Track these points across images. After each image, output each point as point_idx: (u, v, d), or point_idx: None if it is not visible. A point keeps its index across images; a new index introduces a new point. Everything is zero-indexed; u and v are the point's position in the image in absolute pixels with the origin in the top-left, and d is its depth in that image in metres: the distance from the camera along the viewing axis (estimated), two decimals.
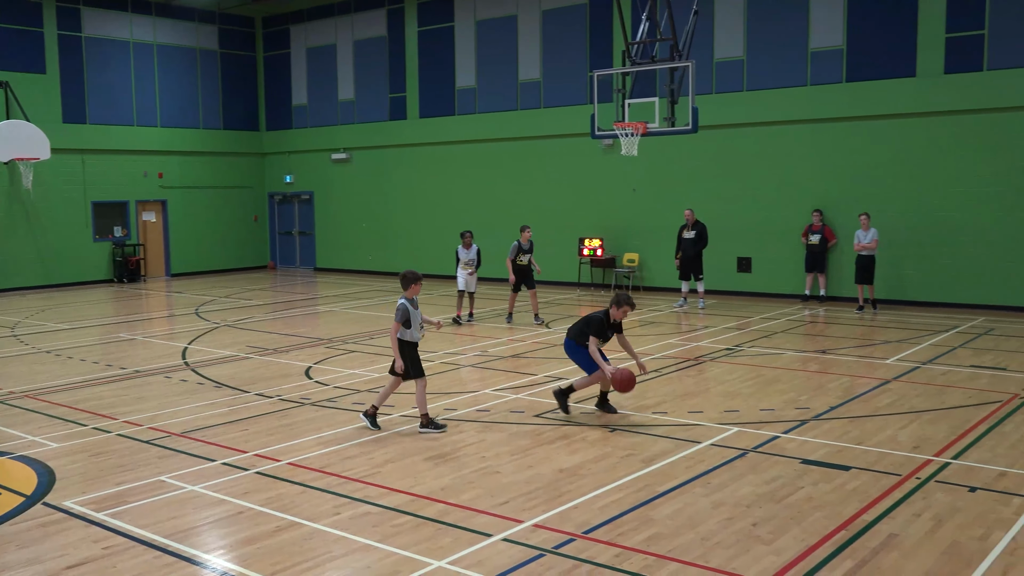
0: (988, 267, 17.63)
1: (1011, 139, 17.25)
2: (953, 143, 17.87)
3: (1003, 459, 8.24)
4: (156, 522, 7.00)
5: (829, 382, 11.67)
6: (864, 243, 17.58)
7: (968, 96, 17.61)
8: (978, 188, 17.63)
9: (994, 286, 17.60)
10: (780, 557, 6.14)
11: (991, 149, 17.46)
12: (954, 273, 18.01)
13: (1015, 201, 17.25)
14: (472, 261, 17.05)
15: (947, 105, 17.87)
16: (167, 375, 12.80)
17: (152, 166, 27.53)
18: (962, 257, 17.89)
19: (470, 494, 7.55)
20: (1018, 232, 17.25)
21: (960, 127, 17.79)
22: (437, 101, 25.81)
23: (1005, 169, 17.34)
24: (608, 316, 10.00)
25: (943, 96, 17.89)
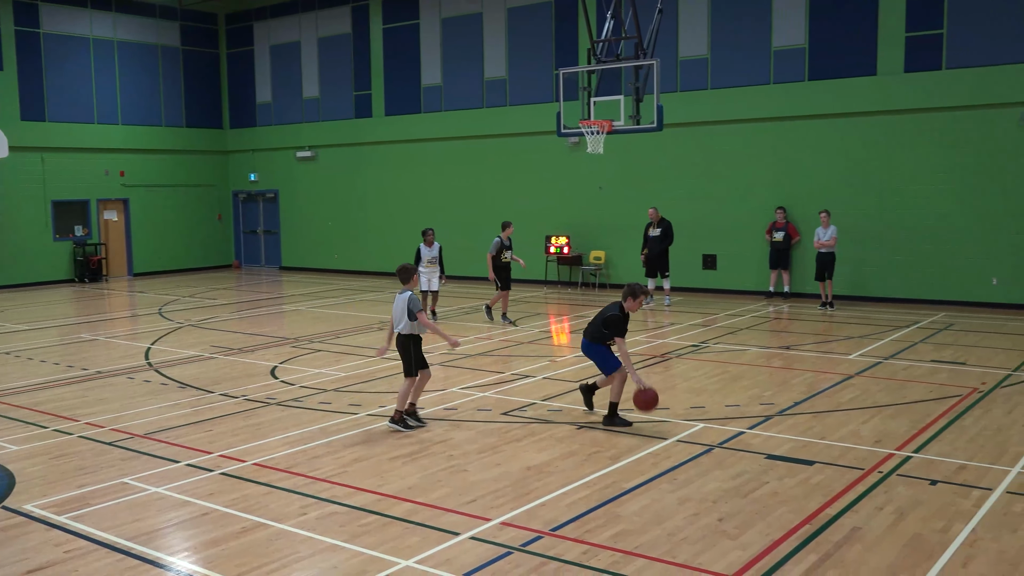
0: (947, 263, 17.90)
1: (969, 137, 17.52)
2: (913, 141, 18.12)
3: (963, 452, 8.38)
4: (119, 525, 6.92)
5: (793, 378, 11.80)
6: (823, 240, 17.75)
7: (927, 94, 17.86)
8: (937, 185, 17.90)
9: (953, 282, 17.87)
10: (746, 552, 6.20)
11: (949, 147, 17.73)
12: (914, 269, 18.27)
13: (973, 198, 17.53)
14: (435, 259, 16.94)
15: (907, 103, 18.11)
16: (130, 376, 12.65)
17: (113, 164, 27.17)
18: (922, 253, 18.15)
19: (438, 493, 7.54)
20: (976, 228, 17.53)
21: (919, 125, 18.04)
22: (403, 99, 25.72)
23: (963, 166, 17.61)
24: (623, 310, 9.58)
25: (903, 94, 18.13)
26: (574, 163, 22.42)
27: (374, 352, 9.65)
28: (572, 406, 10.39)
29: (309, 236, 28.56)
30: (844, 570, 5.88)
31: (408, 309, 9.37)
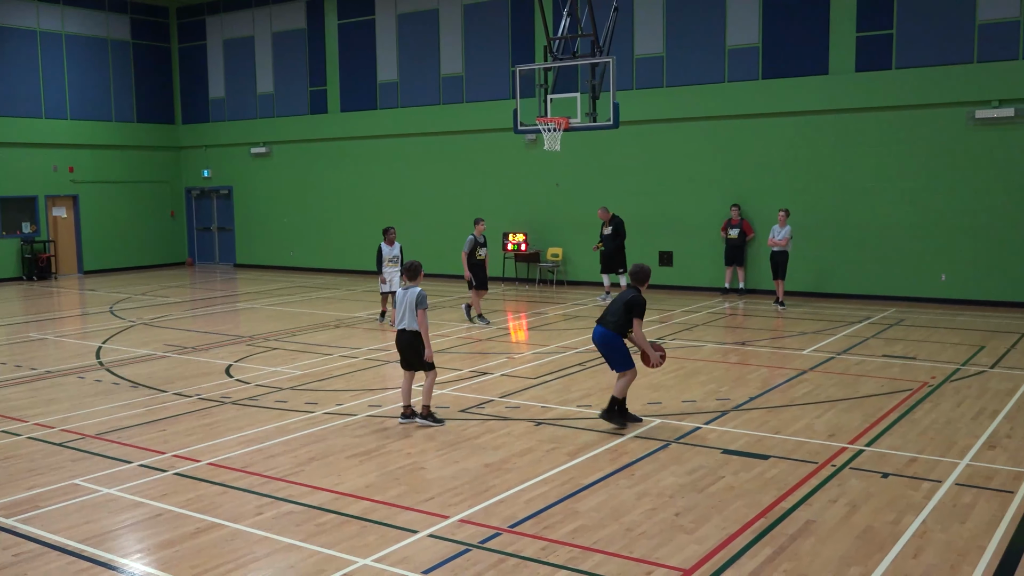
0: (897, 259, 18.22)
1: (918, 135, 17.84)
2: (863, 139, 18.41)
3: (913, 445, 8.53)
4: (70, 527, 6.79)
5: (748, 373, 11.93)
6: (776, 239, 17.75)
7: (878, 94, 18.16)
8: (887, 183, 18.20)
9: (903, 278, 18.20)
10: (702, 546, 6.26)
11: (899, 145, 18.04)
12: (865, 265, 18.57)
13: (922, 196, 17.86)
14: (396, 258, 16.64)
15: (858, 102, 18.40)
16: (80, 375, 12.43)
17: (62, 160, 26.65)
18: (873, 250, 18.46)
19: (395, 491, 7.51)
20: (925, 225, 17.86)
21: (870, 123, 18.34)
22: (358, 95, 25.55)
23: (912, 165, 17.93)
24: (641, 293, 9.23)
25: (854, 93, 18.42)
26: (531, 160, 22.45)
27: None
28: (530, 403, 10.41)
29: (264, 233, 28.27)
30: (798, 562, 5.96)
31: (416, 304, 9.30)
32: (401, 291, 9.52)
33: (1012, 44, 16.92)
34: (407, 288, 9.48)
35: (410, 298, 9.36)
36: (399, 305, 9.45)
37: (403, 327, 9.43)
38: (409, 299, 9.36)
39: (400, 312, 9.44)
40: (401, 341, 9.51)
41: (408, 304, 9.35)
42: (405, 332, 9.44)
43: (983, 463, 7.96)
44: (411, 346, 9.43)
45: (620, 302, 9.21)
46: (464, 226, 23.28)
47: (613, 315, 9.22)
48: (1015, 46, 16.90)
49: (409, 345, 9.44)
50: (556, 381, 11.56)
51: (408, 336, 9.42)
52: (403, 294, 9.46)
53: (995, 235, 17.28)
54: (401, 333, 9.48)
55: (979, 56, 17.23)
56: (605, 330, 9.24)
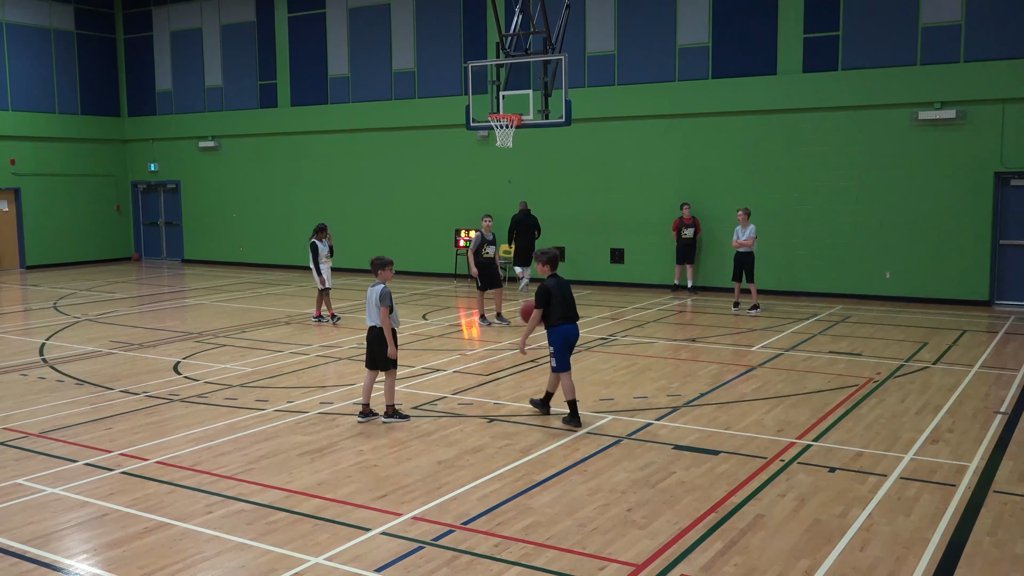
0: (844, 257, 18.55)
1: (863, 135, 18.17)
2: (810, 138, 18.70)
3: (859, 440, 8.69)
4: (12, 528, 6.64)
5: (699, 370, 12.05)
6: (741, 239, 17.63)
7: (824, 94, 18.46)
8: (833, 182, 18.51)
9: (850, 275, 18.53)
10: (654, 540, 6.31)
11: (845, 145, 18.36)
12: (813, 263, 18.88)
13: (867, 194, 18.20)
14: (327, 255, 16.40)
15: (805, 102, 18.68)
16: (23, 372, 12.15)
17: (3, 152, 25.99)
18: (820, 248, 18.77)
19: (347, 488, 7.46)
20: (870, 223, 18.20)
21: (817, 123, 18.63)
22: (309, 89, 25.30)
23: (858, 164, 18.25)
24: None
25: (801, 93, 18.70)
26: (483, 156, 22.43)
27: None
28: (483, 399, 10.41)
29: (213, 228, 27.87)
30: (748, 556, 6.04)
31: (379, 301, 9.31)
32: (369, 289, 9.49)
33: (954, 47, 17.31)
34: (373, 285, 9.48)
35: (375, 295, 9.37)
36: (367, 302, 9.46)
37: (373, 324, 9.44)
38: (374, 296, 9.38)
39: (368, 309, 9.46)
40: (370, 337, 9.51)
41: (373, 301, 9.37)
42: (373, 329, 9.44)
43: (927, 457, 8.14)
44: (379, 342, 9.42)
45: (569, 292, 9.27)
46: (416, 221, 23.21)
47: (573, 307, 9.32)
48: (957, 49, 17.29)
49: (377, 341, 9.44)
50: (508, 378, 11.58)
51: (377, 332, 9.42)
52: (370, 291, 9.45)
53: (938, 234, 17.67)
54: (370, 330, 9.48)
55: (922, 58, 17.60)
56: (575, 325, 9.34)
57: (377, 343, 9.43)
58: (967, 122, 17.29)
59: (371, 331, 9.47)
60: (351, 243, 24.42)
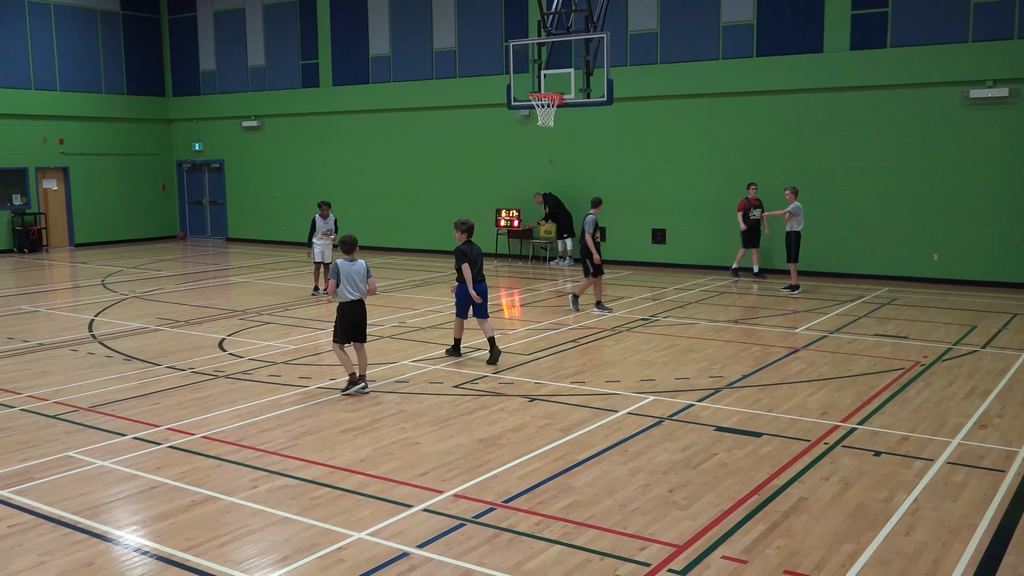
0: (890, 239, 18.26)
1: (912, 115, 17.82)
2: (857, 118, 18.38)
3: (905, 424, 8.58)
4: (65, 499, 6.79)
5: (741, 351, 11.96)
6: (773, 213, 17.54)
7: (872, 72, 18.11)
8: (880, 162, 18.20)
9: (896, 257, 18.24)
10: (695, 522, 6.29)
11: (893, 124, 18.02)
12: (858, 244, 18.60)
13: (915, 175, 17.87)
14: (330, 231, 16.73)
15: (852, 81, 18.35)
16: (73, 348, 12.39)
17: (52, 131, 26.42)
18: (866, 229, 18.48)
19: (389, 465, 7.52)
20: (918, 205, 17.89)
21: (864, 102, 18.30)
22: (350, 69, 25.37)
23: (905, 144, 17.92)
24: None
25: (848, 72, 18.37)
26: (524, 136, 22.37)
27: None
28: (523, 379, 10.43)
29: (256, 207, 28.13)
30: (791, 539, 6.00)
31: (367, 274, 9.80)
32: (346, 263, 9.68)
33: (1007, 23, 16.88)
34: (352, 261, 9.73)
35: (359, 269, 9.71)
36: (346, 278, 9.64)
37: (359, 297, 9.74)
38: (358, 271, 9.70)
39: (351, 285, 9.66)
40: (359, 311, 9.79)
41: (360, 275, 9.71)
42: (362, 302, 9.81)
43: (975, 442, 8.01)
44: (365, 315, 9.85)
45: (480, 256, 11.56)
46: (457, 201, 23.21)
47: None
48: (1010, 25, 16.86)
49: (364, 314, 9.84)
50: (549, 358, 11.58)
51: (364, 306, 9.83)
52: (348, 266, 9.66)
53: (988, 215, 17.32)
54: (358, 303, 9.77)
55: (974, 35, 17.19)
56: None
57: (365, 316, 9.84)
58: (1020, 100, 16.88)
59: (360, 305, 9.79)
60: (392, 222, 24.55)
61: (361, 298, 9.79)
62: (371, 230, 25.10)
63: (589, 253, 14.31)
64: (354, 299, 9.73)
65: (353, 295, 9.70)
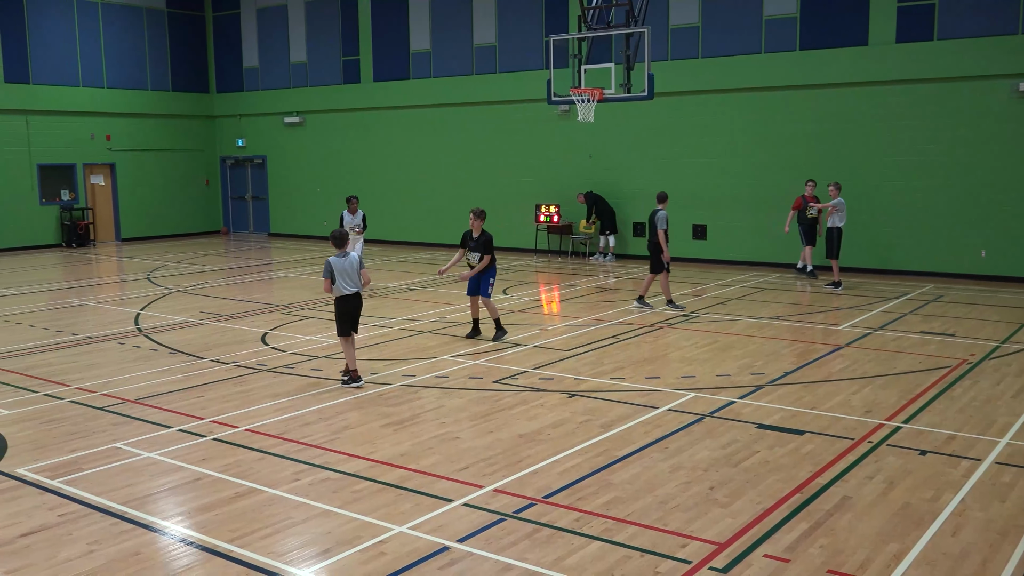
0: (936, 234, 17.96)
1: (959, 108, 17.52)
2: (903, 112, 18.10)
3: (952, 423, 8.45)
4: (112, 489, 6.92)
5: (783, 348, 11.85)
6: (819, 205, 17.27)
7: (919, 65, 17.82)
8: (926, 157, 17.91)
9: (942, 253, 17.94)
10: (737, 520, 6.25)
11: (940, 118, 17.72)
12: (903, 240, 18.33)
13: (962, 170, 17.56)
14: (358, 226, 16.75)
15: (898, 74, 18.07)
16: (120, 341, 12.60)
17: (99, 128, 26.88)
18: (911, 225, 18.20)
19: (430, 460, 7.56)
20: (965, 200, 17.58)
21: (910, 96, 18.01)
22: (391, 65, 25.48)
23: (953, 138, 17.62)
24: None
25: (894, 65, 18.08)
26: (564, 131, 22.33)
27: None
28: (563, 375, 10.42)
29: (297, 202, 28.39)
30: (834, 538, 5.94)
31: (360, 266, 10.03)
32: (338, 260, 9.86)
33: None
34: (343, 256, 9.91)
35: (351, 263, 9.90)
36: (342, 272, 9.85)
37: (355, 291, 9.95)
38: (351, 264, 9.90)
39: (346, 279, 9.87)
40: (356, 304, 10.02)
41: (353, 269, 9.91)
42: (358, 295, 10.01)
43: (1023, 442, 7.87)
44: (361, 307, 10.12)
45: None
46: (497, 197, 23.21)
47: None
48: None
49: (360, 307, 10.08)
50: (589, 353, 11.56)
51: (361, 298, 10.07)
52: (341, 262, 9.86)
53: None
54: (355, 297, 9.98)
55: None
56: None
57: (360, 308, 10.05)
58: None
59: (357, 298, 10.00)
60: (432, 217, 24.64)
61: (357, 291, 9.99)
62: (411, 225, 25.24)
63: (660, 249, 14.33)
64: (350, 292, 9.94)
65: (349, 289, 9.93)
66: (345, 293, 9.91)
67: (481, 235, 12.35)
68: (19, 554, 5.83)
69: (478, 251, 12.31)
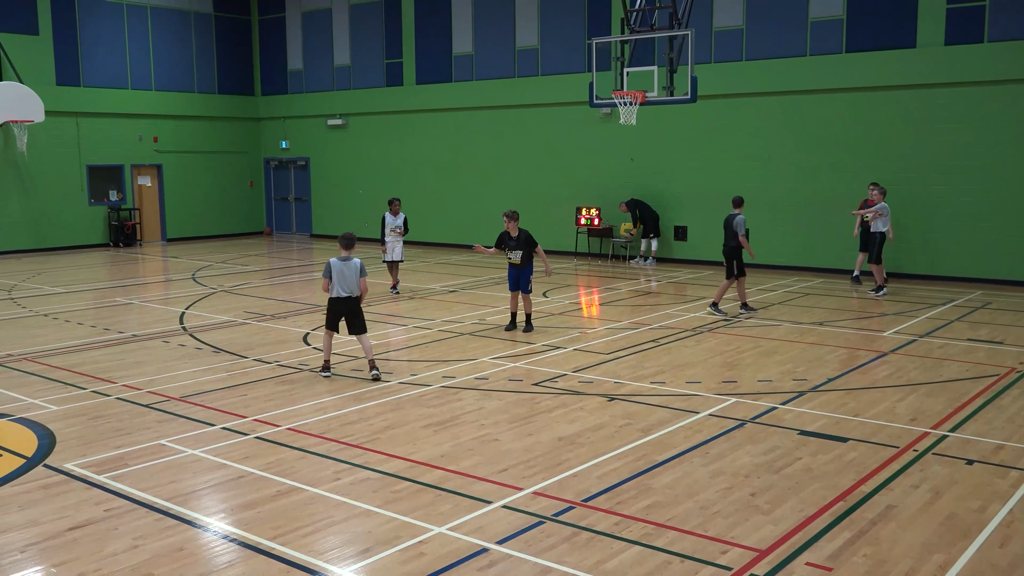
0: (984, 240, 17.64)
1: (1010, 112, 17.18)
2: (951, 116, 17.79)
3: (1000, 432, 8.29)
4: (157, 485, 7.02)
5: (827, 354, 11.71)
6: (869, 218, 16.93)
7: (968, 68, 17.51)
8: (975, 161, 17.59)
9: (990, 259, 17.61)
10: (778, 527, 6.19)
11: (990, 122, 17.40)
12: (950, 246, 18.02)
13: (1011, 175, 17.22)
14: (399, 228, 16.80)
15: (947, 77, 17.77)
16: (165, 340, 12.79)
17: (147, 130, 27.32)
18: (959, 230, 17.89)
19: (469, 461, 7.58)
20: (1015, 205, 17.24)
21: (960, 99, 17.71)
22: (434, 67, 25.60)
23: (1003, 143, 17.29)
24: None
25: (943, 68, 17.79)
26: (606, 134, 22.27)
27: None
28: (603, 378, 10.39)
29: (339, 204, 28.61)
30: (878, 547, 5.85)
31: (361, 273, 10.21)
32: (339, 262, 10.12)
33: None
34: (347, 259, 10.20)
35: (355, 268, 10.16)
36: (338, 275, 10.12)
37: (347, 295, 10.17)
38: (354, 269, 10.16)
39: (342, 282, 10.13)
40: (346, 307, 10.23)
41: (352, 274, 10.14)
42: (351, 299, 10.21)
43: None
44: (356, 311, 10.28)
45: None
46: (538, 199, 23.19)
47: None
48: None
49: (353, 311, 10.26)
50: (629, 357, 11.51)
51: (353, 302, 10.23)
52: (341, 265, 10.14)
53: None
54: (346, 300, 10.20)
55: None
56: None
57: (354, 312, 10.26)
58: None
59: (350, 301, 10.20)
60: (472, 219, 24.69)
61: (350, 295, 10.18)
62: (452, 227, 25.32)
63: (737, 255, 14.31)
64: (343, 296, 10.17)
65: (343, 292, 10.16)
66: (338, 296, 10.17)
67: (520, 233, 12.80)
68: (67, 547, 5.94)
69: (520, 249, 12.79)
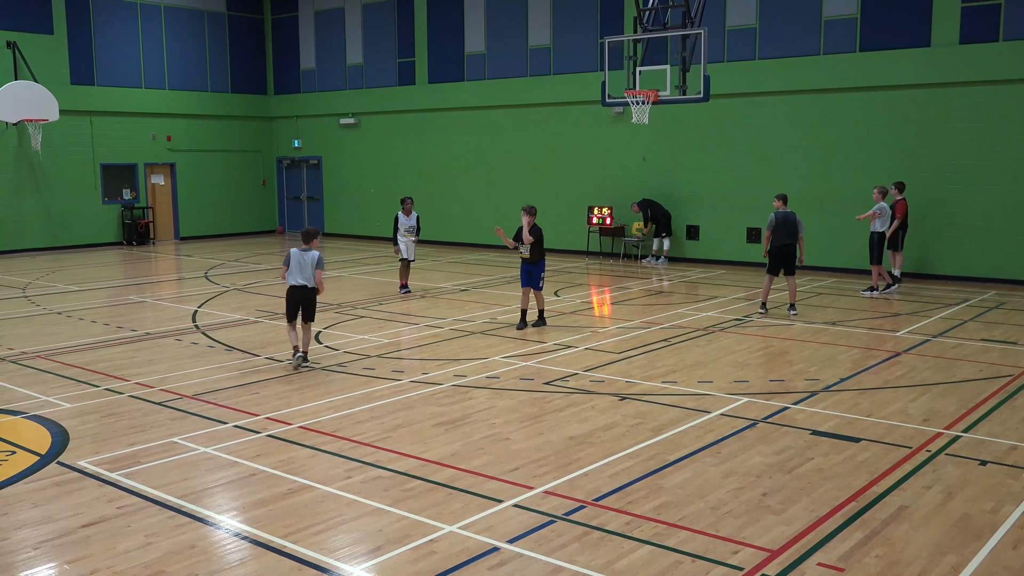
0: (999, 240, 17.54)
1: None
2: (967, 115, 17.70)
3: (1014, 433, 8.24)
4: (169, 483, 7.05)
5: (839, 354, 11.66)
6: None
7: (983, 67, 17.41)
8: (990, 161, 17.49)
9: (1005, 259, 17.51)
10: (790, 527, 6.17)
11: (1004, 121, 17.30)
12: (964, 246, 17.92)
13: None
14: (412, 228, 16.74)
15: (961, 76, 17.68)
16: (178, 338, 12.84)
17: (160, 129, 27.44)
18: (973, 230, 17.80)
19: (480, 460, 7.58)
20: None
21: (974, 98, 17.61)
22: (446, 67, 25.62)
23: (1019, 141, 17.18)
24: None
25: (958, 67, 17.70)
26: (618, 133, 22.25)
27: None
28: (614, 377, 10.38)
29: (352, 203, 28.67)
30: (891, 548, 5.83)
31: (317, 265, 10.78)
32: (298, 252, 10.75)
33: None
34: (306, 251, 10.78)
35: (311, 259, 10.74)
36: (296, 264, 10.73)
37: (302, 283, 10.74)
38: (311, 260, 10.74)
39: (298, 271, 10.71)
40: (300, 295, 10.76)
41: (311, 264, 10.73)
42: (305, 288, 10.76)
43: None
44: (309, 300, 10.82)
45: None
46: (550, 198, 23.18)
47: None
48: None
49: (306, 299, 10.79)
50: (640, 356, 11.50)
51: (308, 291, 10.77)
52: (300, 255, 10.73)
53: None
54: (301, 288, 10.75)
55: None
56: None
57: (307, 300, 10.79)
58: None
59: (302, 290, 10.74)
60: (485, 218, 24.68)
61: (305, 284, 10.73)
62: (464, 226, 25.34)
63: (795, 252, 14.34)
64: (297, 284, 10.72)
65: (297, 281, 10.73)
66: (292, 284, 10.74)
67: (532, 229, 13.28)
68: (80, 544, 5.97)
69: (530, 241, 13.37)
